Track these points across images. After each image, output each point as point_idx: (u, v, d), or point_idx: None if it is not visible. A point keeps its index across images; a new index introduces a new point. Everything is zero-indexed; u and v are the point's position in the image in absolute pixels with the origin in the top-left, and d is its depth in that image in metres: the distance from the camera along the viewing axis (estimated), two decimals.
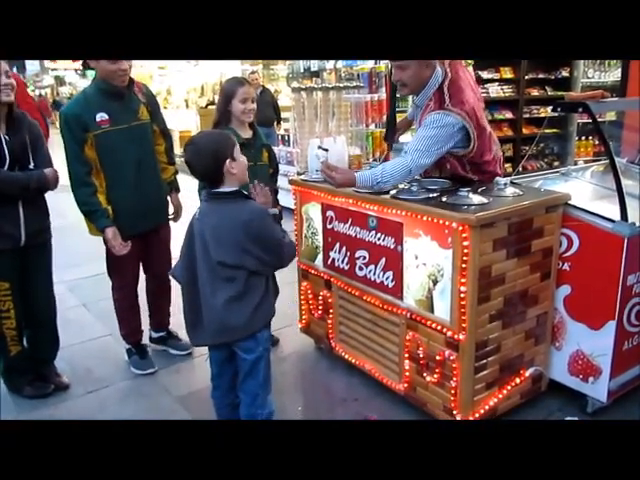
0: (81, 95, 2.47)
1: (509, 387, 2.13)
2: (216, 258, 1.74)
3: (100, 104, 2.39)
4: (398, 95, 2.52)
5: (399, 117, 2.76)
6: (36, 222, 2.38)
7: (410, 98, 2.42)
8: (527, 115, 6.09)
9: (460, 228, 1.85)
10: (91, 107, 2.37)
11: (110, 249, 2.46)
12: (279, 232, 1.84)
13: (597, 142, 5.71)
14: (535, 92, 6.17)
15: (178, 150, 4.20)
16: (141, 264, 2.72)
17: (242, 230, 1.72)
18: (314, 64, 7.06)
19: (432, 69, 2.16)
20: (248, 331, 1.80)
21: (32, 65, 25.19)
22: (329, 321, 2.64)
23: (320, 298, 2.66)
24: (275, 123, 6.79)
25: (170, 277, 2.89)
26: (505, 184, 2.13)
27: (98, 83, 2.42)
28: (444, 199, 2.03)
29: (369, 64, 5.48)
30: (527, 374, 2.19)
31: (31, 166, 2.33)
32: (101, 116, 2.37)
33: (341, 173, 2.18)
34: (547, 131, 5.89)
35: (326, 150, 2.39)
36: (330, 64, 6.56)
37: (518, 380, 2.16)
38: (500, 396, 2.10)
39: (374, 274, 2.28)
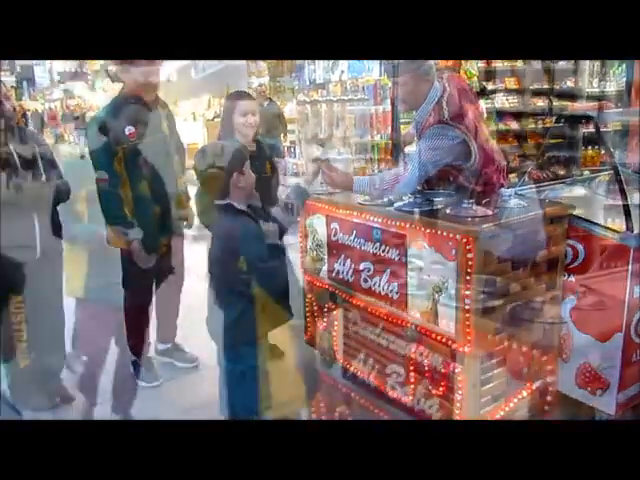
0: (109, 108, 2.47)
1: (516, 400, 2.11)
2: (209, 269, 1.79)
3: (128, 117, 2.41)
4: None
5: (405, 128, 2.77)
6: (50, 235, 2.41)
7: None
8: (532, 125, 6.08)
9: (464, 240, 1.85)
10: (120, 120, 2.40)
11: (136, 261, 2.46)
12: (264, 249, 1.82)
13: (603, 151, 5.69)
14: (540, 102, 6.17)
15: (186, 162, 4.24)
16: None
17: (227, 243, 1.75)
18: (320, 76, 7.12)
19: (429, 84, 2.16)
20: (232, 343, 1.82)
21: (42, 78, 25.56)
22: (334, 333, 2.63)
23: (325, 310, 2.66)
24: (281, 135, 6.84)
25: (180, 289, 2.91)
26: (509, 195, 2.13)
27: (125, 97, 2.44)
28: (448, 211, 2.03)
29: (374, 76, 5.52)
30: (534, 387, 2.17)
31: (43, 178, 2.36)
32: (129, 129, 2.40)
33: (339, 174, 2.18)
34: (552, 141, 5.87)
35: (322, 145, 2.38)
36: (336, 76, 6.61)
37: (525, 393, 2.14)
38: (507, 409, 2.08)
39: (378, 286, 2.27)
